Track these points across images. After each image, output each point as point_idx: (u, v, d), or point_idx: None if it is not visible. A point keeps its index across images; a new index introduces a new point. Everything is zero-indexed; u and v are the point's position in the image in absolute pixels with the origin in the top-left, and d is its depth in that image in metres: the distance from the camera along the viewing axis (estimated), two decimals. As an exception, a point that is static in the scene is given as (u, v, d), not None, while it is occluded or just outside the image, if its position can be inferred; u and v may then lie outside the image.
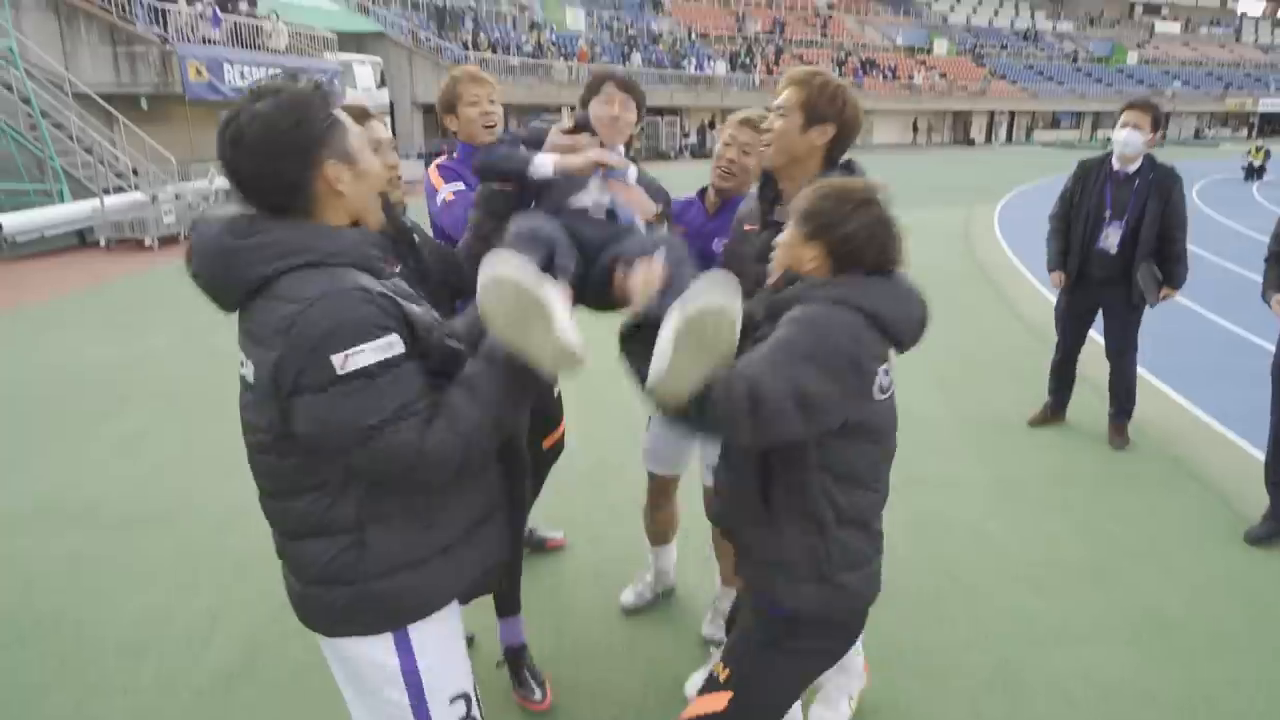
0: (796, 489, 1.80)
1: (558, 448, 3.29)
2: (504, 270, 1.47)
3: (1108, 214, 4.47)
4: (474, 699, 1.77)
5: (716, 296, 1.52)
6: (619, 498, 4.07)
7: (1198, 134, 55.21)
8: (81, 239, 12.73)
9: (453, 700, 1.70)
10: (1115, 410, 4.84)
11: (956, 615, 3.23)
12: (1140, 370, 6.13)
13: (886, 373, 1.79)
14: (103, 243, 12.34)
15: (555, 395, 3.27)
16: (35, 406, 5.60)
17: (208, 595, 3.37)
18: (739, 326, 1.57)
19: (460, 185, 2.75)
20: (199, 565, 3.59)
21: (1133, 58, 57.08)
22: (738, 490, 1.93)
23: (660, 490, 3.12)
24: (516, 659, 2.82)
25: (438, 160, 2.95)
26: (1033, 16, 60.32)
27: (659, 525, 3.22)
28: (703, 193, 2.90)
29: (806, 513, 1.80)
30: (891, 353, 1.82)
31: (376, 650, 1.62)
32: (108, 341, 7.22)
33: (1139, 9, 64.25)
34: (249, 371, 1.48)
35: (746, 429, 1.62)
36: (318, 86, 1.49)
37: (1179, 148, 45.72)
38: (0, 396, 5.81)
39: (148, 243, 12.26)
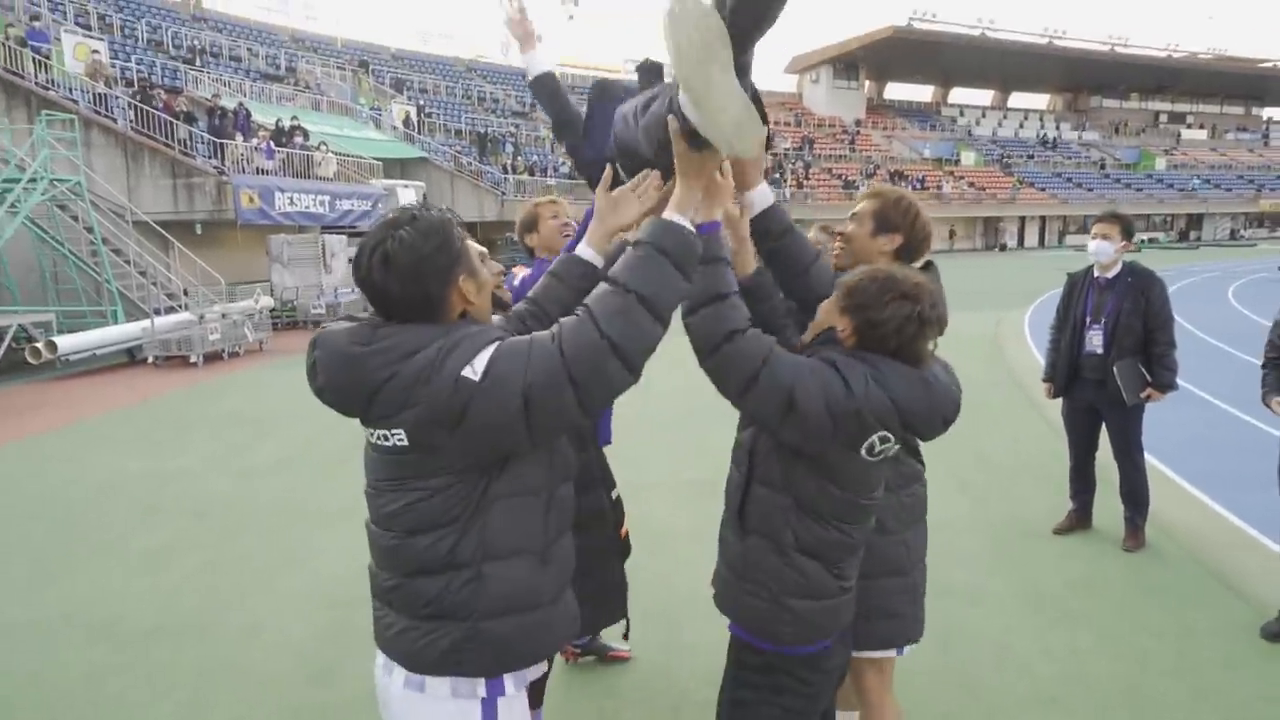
0: (765, 507, 1.94)
1: (625, 547, 3.25)
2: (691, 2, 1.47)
3: (1088, 319, 4.68)
4: None
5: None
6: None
7: (1233, 235, 55.04)
8: (131, 356, 13.28)
9: None
10: (1128, 513, 4.79)
11: (975, 735, 3.10)
12: (1170, 474, 6.05)
13: (885, 440, 1.86)
14: (150, 360, 12.85)
15: (615, 498, 3.21)
16: (68, 520, 5.76)
17: (223, 712, 3.37)
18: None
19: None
20: (218, 680, 3.60)
21: (1161, 163, 57.73)
22: (729, 499, 2.07)
23: None
24: None
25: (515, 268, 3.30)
26: (1058, 128, 61.70)
27: None
28: None
29: (769, 531, 1.93)
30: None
31: (461, 710, 1.64)
32: (145, 456, 7.44)
33: (1164, 117, 65.42)
34: (400, 438, 1.57)
35: (740, 384, 1.79)
36: (447, 212, 1.66)
37: (1214, 249, 45.59)
38: (35, 511, 5.99)
39: (193, 359, 12.74)
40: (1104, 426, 4.82)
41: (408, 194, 23.83)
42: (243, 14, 35.37)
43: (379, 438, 1.61)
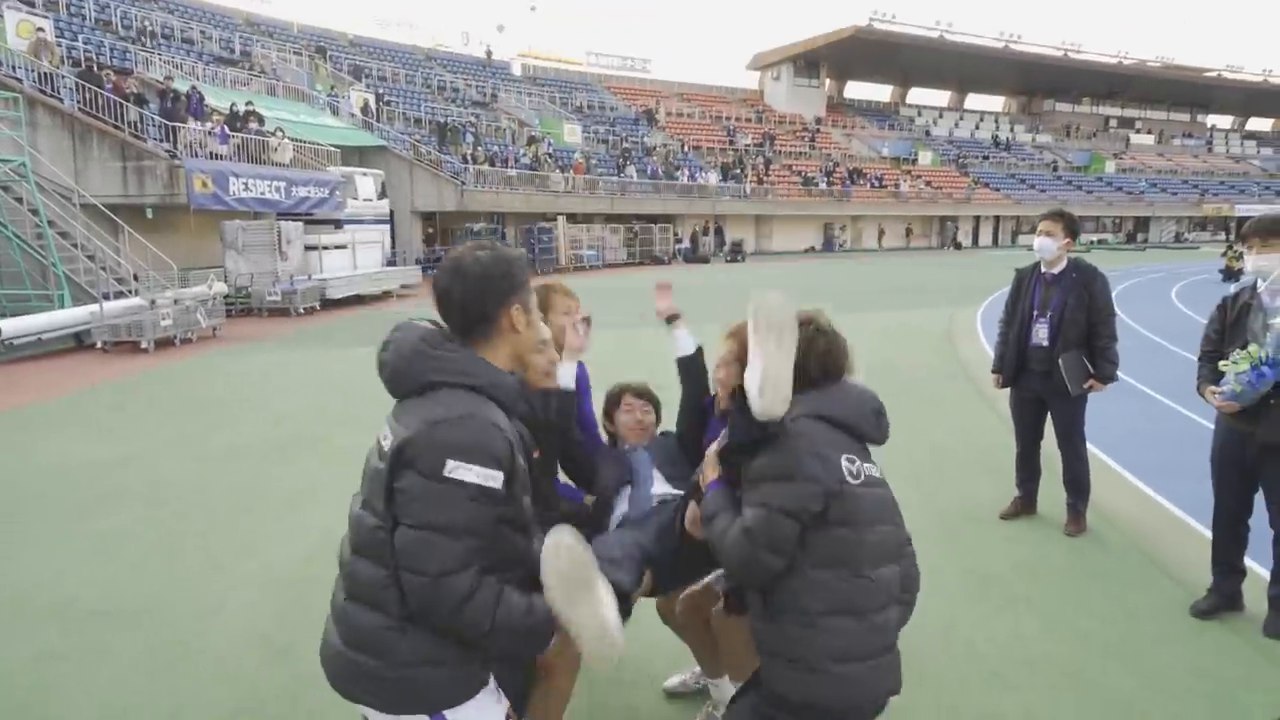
0: (788, 584, 2.01)
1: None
2: (567, 540, 1.73)
3: (1035, 312, 4.84)
4: None
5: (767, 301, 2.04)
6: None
7: (1178, 238, 56.79)
8: (79, 341, 12.94)
9: None
10: (1070, 499, 4.97)
11: (922, 712, 3.20)
12: (1111, 463, 6.27)
13: (852, 461, 2.04)
14: (99, 345, 12.53)
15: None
16: (16, 505, 5.63)
17: (174, 693, 3.34)
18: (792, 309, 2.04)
19: None
20: (168, 664, 3.56)
21: (1110, 167, 59.30)
22: (753, 598, 2.14)
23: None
24: None
25: None
26: (1012, 129, 62.97)
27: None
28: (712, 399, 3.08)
29: (798, 607, 1.99)
30: (873, 451, 2.16)
31: None
32: (95, 442, 7.28)
33: (1114, 122, 67.17)
34: (388, 442, 1.76)
35: (763, 565, 2.01)
36: (522, 256, 1.96)
37: (1160, 250, 47.01)
38: (-18, 497, 5.83)
39: (144, 345, 12.46)
40: (1049, 416, 4.98)
41: (366, 182, 23.54)
42: (196, -5, 34.47)
43: (383, 434, 1.81)
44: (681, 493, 2.69)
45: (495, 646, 1.77)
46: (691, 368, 3.01)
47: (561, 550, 1.72)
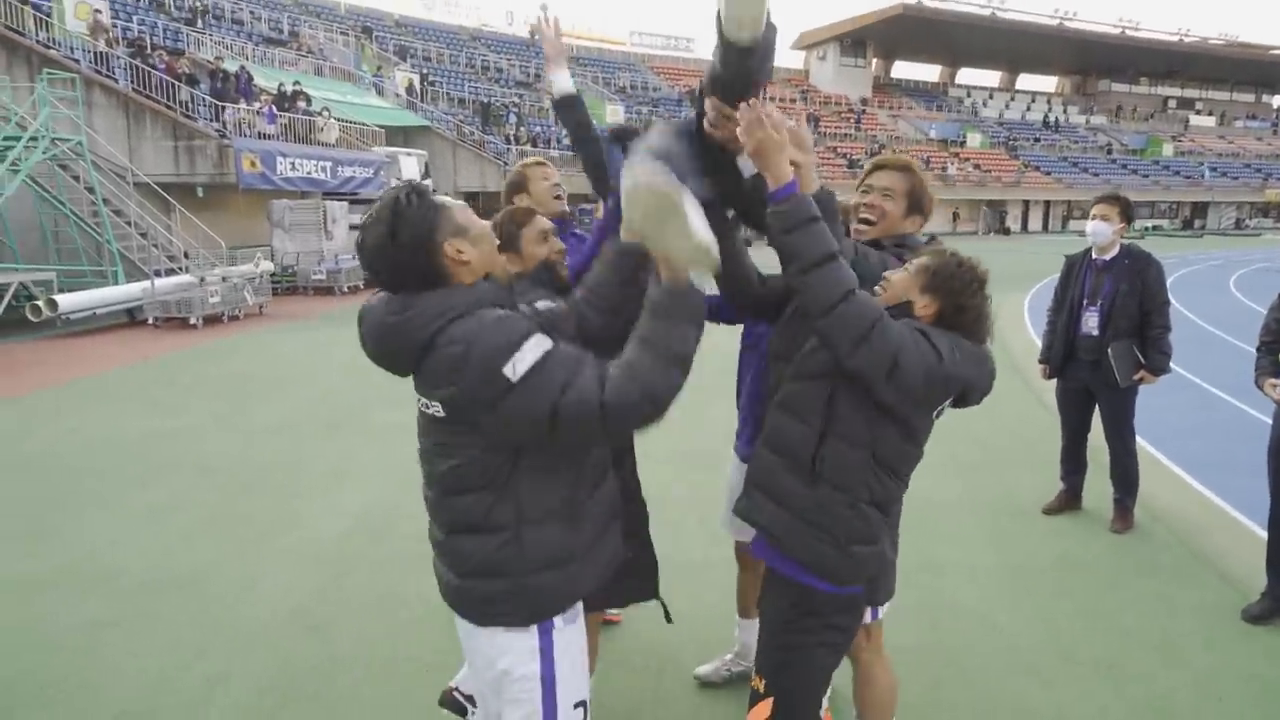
0: (843, 461, 2.02)
1: None
2: (644, 176, 1.71)
3: (1085, 300, 4.70)
4: (588, 708, 1.96)
5: None
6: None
7: (1238, 224, 54.86)
8: (131, 316, 13.29)
9: (575, 706, 1.90)
10: (1117, 494, 4.84)
11: (958, 705, 3.16)
12: (1161, 458, 6.10)
13: (940, 413, 2.09)
14: (150, 321, 12.86)
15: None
16: (69, 476, 5.81)
17: (213, 663, 3.43)
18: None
19: None
20: (209, 633, 3.66)
21: (1168, 150, 57.39)
22: (789, 449, 2.10)
23: (747, 559, 3.10)
24: None
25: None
26: (1065, 111, 61.26)
27: (746, 597, 3.20)
28: None
29: (845, 484, 2.02)
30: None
31: (521, 652, 1.83)
32: (144, 415, 7.48)
33: (1173, 103, 64.97)
34: (437, 409, 1.73)
35: (852, 343, 1.89)
36: (410, 189, 1.77)
37: (1219, 237, 45.46)
38: (36, 467, 6.04)
39: (192, 321, 12.75)
40: (1097, 408, 4.86)
41: (410, 162, 23.72)
42: (246, -25, 34.91)
43: (422, 404, 1.78)
44: None
45: (679, 359, 1.72)
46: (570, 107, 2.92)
47: (643, 189, 1.71)
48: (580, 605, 1.93)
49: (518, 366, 1.63)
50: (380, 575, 4.18)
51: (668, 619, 2.89)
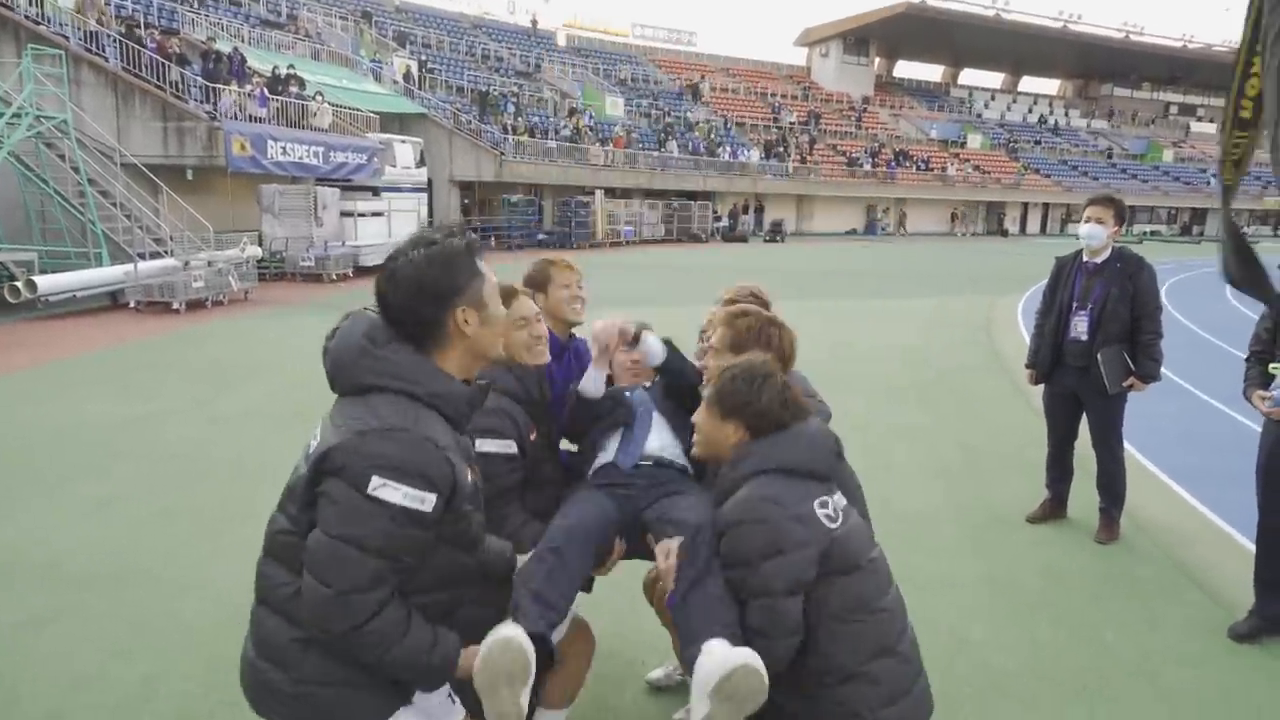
0: (816, 649, 1.90)
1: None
2: (515, 640, 1.69)
3: (1074, 304, 4.55)
4: None
5: (741, 656, 1.75)
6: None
7: (1237, 232, 54.68)
8: (113, 300, 13.08)
9: None
10: (1103, 504, 4.68)
11: (926, 725, 3.00)
12: (1149, 466, 5.95)
13: (824, 504, 1.96)
14: (132, 304, 12.65)
15: None
16: (22, 463, 5.62)
17: (147, 662, 3.26)
18: (767, 681, 1.76)
19: None
20: (149, 631, 3.49)
21: (1168, 155, 57.21)
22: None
23: None
24: None
25: None
26: (1067, 114, 61.08)
27: None
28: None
29: (836, 667, 1.89)
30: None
31: None
32: (112, 400, 7.30)
33: (1174, 109, 64.78)
34: (314, 443, 1.65)
35: (785, 650, 1.89)
36: (469, 242, 1.71)
37: (1217, 244, 45.29)
38: (-6, 451, 5.85)
39: (175, 305, 12.56)
40: (1084, 415, 4.70)
41: (404, 149, 23.48)
42: (245, -43, 34.56)
43: (313, 437, 1.69)
44: (678, 461, 2.54)
45: (388, 672, 1.63)
46: (673, 367, 2.72)
47: (500, 649, 1.67)
48: (406, 708, 1.74)
49: (384, 490, 1.54)
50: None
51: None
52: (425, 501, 1.56)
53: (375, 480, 1.52)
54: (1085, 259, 4.57)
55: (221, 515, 4.77)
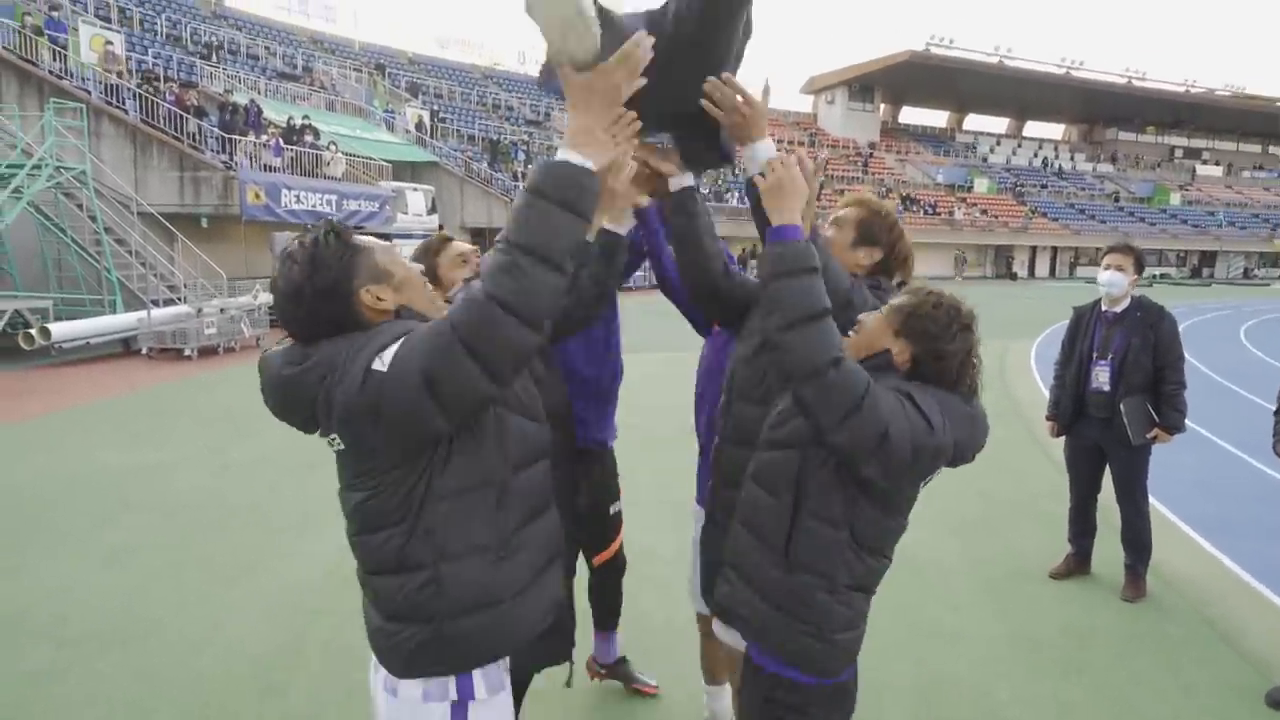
0: (819, 542, 1.82)
1: (617, 563, 3.28)
2: None
3: (1095, 354, 4.50)
4: None
5: None
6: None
7: (1247, 273, 54.67)
8: (126, 346, 13.16)
9: None
10: (1129, 559, 4.57)
11: (953, 794, 2.90)
12: (1174, 519, 5.83)
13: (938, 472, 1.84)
14: (145, 351, 12.72)
15: (615, 514, 3.25)
16: (35, 512, 5.59)
17: (160, 718, 3.19)
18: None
19: None
20: (161, 689, 3.42)
21: (1175, 198, 57.46)
22: (762, 529, 1.91)
23: (711, 629, 2.94)
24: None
25: None
26: (1072, 158, 61.53)
27: (712, 663, 3.06)
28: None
29: (824, 569, 1.82)
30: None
31: (431, 715, 1.64)
32: (124, 448, 7.29)
33: (1179, 152, 65.21)
34: (337, 441, 1.57)
35: (844, 411, 1.67)
36: (330, 228, 1.60)
37: (1227, 286, 45.26)
38: (2, 502, 5.82)
39: (187, 352, 12.62)
40: (1108, 467, 4.62)
41: (416, 197, 23.79)
42: (263, 13, 35.51)
43: (330, 442, 1.61)
44: None
45: (541, 278, 1.48)
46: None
47: None
48: (506, 675, 1.73)
49: (385, 357, 1.46)
50: (343, 630, 3.92)
51: (568, 683, 2.53)
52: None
53: (376, 364, 1.46)
54: (1105, 308, 4.54)
55: (234, 565, 4.72)
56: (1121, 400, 4.35)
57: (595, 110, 1.59)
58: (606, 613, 3.39)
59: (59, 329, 11.71)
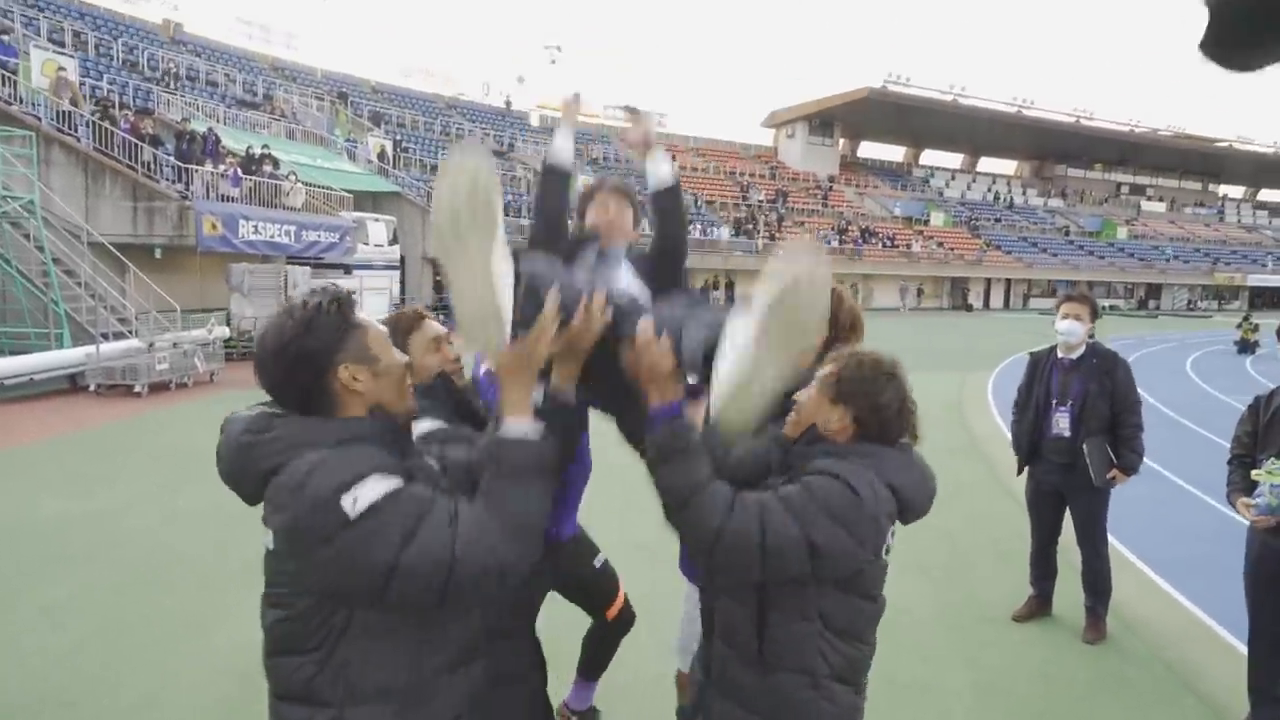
0: (794, 641, 1.78)
1: (625, 617, 3.23)
2: (472, 158, 1.51)
3: (1054, 400, 4.58)
4: None
5: (800, 260, 1.56)
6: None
7: (1190, 305, 56.43)
8: (73, 382, 12.73)
9: None
10: (1089, 602, 4.63)
11: None
12: (1131, 557, 5.90)
13: (892, 534, 1.83)
14: (92, 387, 12.32)
15: (602, 567, 3.24)
16: (-31, 566, 5.33)
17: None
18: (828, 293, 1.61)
19: None
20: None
21: (1123, 233, 59.28)
22: (735, 637, 1.86)
23: (685, 682, 2.92)
24: None
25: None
26: (1024, 193, 63.22)
27: None
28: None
29: (802, 667, 1.78)
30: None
31: None
32: (65, 494, 7.01)
33: (1125, 189, 67.37)
34: (269, 539, 1.53)
35: (756, 563, 1.66)
36: (334, 298, 1.58)
37: (1173, 318, 46.61)
38: (-64, 553, 5.55)
39: (137, 389, 12.25)
40: (1068, 511, 4.67)
41: (378, 227, 23.57)
42: (223, 40, 35.24)
43: (268, 543, 1.57)
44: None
45: (518, 551, 1.52)
46: (669, 201, 2.49)
47: (462, 171, 1.50)
48: None
49: (356, 500, 1.41)
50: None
51: None
52: (387, 482, 1.46)
53: (345, 500, 1.41)
54: (1061, 355, 4.62)
55: (180, 623, 4.53)
56: (1084, 441, 4.42)
57: (523, 382, 1.65)
58: (595, 663, 3.37)
59: (1, 365, 11.30)
